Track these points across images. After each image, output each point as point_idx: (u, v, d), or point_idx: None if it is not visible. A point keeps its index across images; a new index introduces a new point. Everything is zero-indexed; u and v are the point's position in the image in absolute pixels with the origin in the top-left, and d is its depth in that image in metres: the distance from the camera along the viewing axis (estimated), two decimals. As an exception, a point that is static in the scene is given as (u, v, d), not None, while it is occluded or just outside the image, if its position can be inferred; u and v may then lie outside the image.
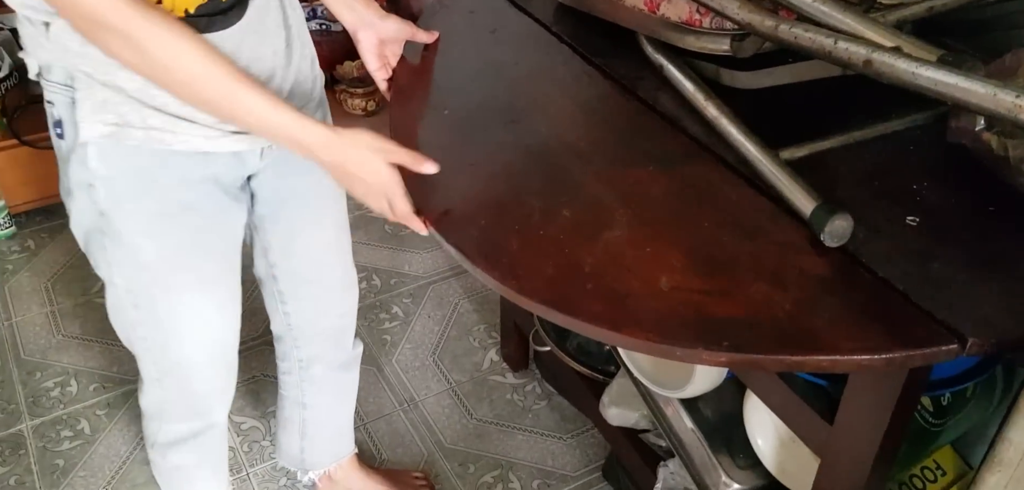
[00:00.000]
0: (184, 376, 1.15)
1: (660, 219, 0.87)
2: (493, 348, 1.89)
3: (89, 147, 0.92)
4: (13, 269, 2.09)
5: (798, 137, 0.96)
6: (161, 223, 0.99)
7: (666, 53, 1.08)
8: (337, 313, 1.32)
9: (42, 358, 1.85)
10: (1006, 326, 0.74)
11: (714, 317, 0.76)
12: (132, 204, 0.97)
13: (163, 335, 1.09)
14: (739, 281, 0.79)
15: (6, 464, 1.62)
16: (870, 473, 0.92)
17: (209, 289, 1.08)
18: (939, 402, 1.13)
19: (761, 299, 0.77)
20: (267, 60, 0.98)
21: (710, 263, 0.81)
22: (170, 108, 0.92)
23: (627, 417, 1.46)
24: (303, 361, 1.34)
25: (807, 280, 0.79)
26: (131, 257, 1.01)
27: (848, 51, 0.81)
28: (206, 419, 1.23)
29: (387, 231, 2.23)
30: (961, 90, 0.71)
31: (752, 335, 0.74)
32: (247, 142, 1.00)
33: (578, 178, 0.93)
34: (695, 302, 0.77)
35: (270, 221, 1.17)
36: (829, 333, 0.74)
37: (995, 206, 0.87)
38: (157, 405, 1.20)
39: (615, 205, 0.89)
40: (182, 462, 1.28)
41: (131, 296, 1.05)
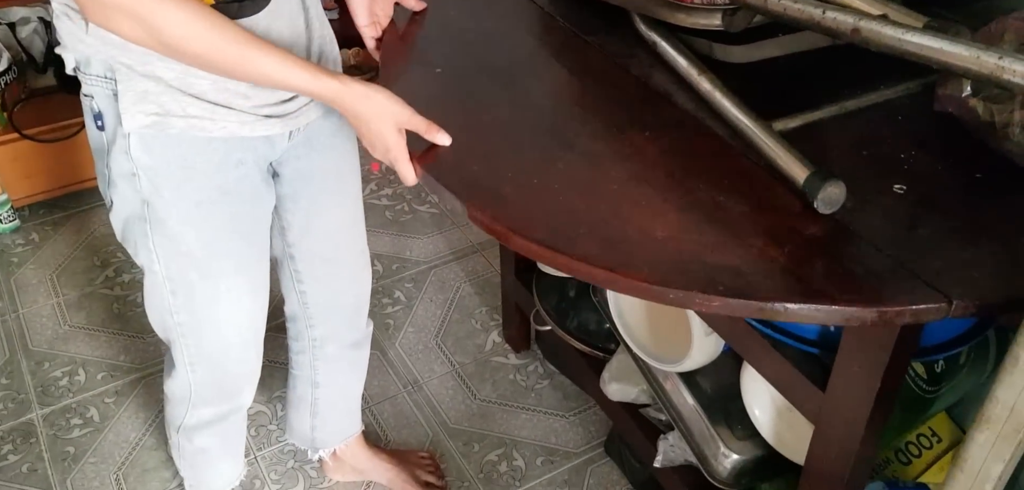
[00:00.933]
0: (218, 361, 1.18)
1: (655, 179, 0.88)
2: (495, 330, 1.91)
3: (132, 137, 0.95)
4: (18, 262, 2.11)
5: (790, 108, 0.98)
6: (201, 210, 1.02)
7: (659, 30, 1.09)
8: (353, 292, 1.34)
9: (50, 348, 1.87)
10: (991, 288, 0.76)
11: (709, 262, 0.77)
12: (173, 192, 0.99)
13: (200, 321, 1.12)
14: (735, 235, 0.80)
15: (18, 452, 1.65)
16: (863, 438, 0.94)
17: (245, 273, 1.11)
18: (932, 369, 1.15)
19: (756, 253, 0.78)
20: (286, 42, 1.00)
21: (706, 219, 0.83)
22: (208, 96, 0.94)
23: (627, 392, 1.48)
24: (316, 340, 1.36)
25: (802, 239, 0.80)
26: (172, 244, 1.03)
27: (836, 20, 0.82)
28: (234, 402, 1.26)
29: (388, 217, 2.25)
30: (946, 54, 0.72)
31: (747, 282, 0.75)
32: (279, 126, 1.03)
33: (572, 136, 0.94)
34: (690, 250, 0.78)
35: (291, 200, 1.18)
36: (823, 284, 0.75)
37: (982, 172, 0.88)
38: (185, 390, 1.22)
39: (610, 163, 0.90)
40: (207, 445, 1.32)
41: (170, 283, 1.07)
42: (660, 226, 0.81)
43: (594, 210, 0.83)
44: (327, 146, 1.16)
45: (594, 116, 0.99)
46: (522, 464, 1.62)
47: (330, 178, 1.20)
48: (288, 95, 1.02)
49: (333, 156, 1.18)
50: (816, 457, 1.03)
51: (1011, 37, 0.86)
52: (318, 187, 1.19)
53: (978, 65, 0.70)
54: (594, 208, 0.83)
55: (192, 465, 1.36)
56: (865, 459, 0.98)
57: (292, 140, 1.10)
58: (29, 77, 2.26)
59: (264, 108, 1.00)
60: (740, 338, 1.08)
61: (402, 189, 2.35)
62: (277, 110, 1.02)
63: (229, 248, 1.07)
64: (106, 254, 2.12)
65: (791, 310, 0.73)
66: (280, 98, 1.01)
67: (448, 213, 2.27)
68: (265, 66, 0.87)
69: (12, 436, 1.68)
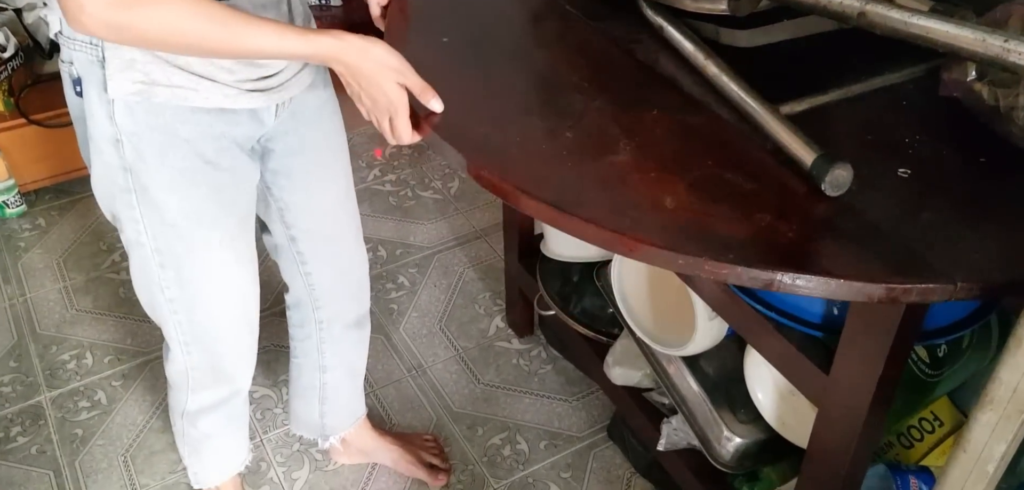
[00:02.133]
0: (210, 339, 1.18)
1: (664, 154, 0.89)
2: (498, 315, 1.92)
3: (116, 103, 0.96)
4: (25, 247, 2.12)
5: (797, 92, 0.98)
6: (185, 178, 1.02)
7: (665, 14, 1.10)
8: (356, 267, 1.36)
9: (57, 332, 1.88)
10: (995, 271, 0.76)
11: (718, 233, 0.77)
12: (157, 160, 1.00)
13: (190, 295, 1.12)
14: (744, 210, 0.81)
15: (27, 434, 1.66)
16: (866, 421, 0.95)
17: (232, 245, 1.11)
18: (935, 353, 1.16)
19: (765, 225, 0.79)
20: None
21: (715, 193, 0.83)
22: (193, 67, 0.95)
23: (630, 376, 1.49)
24: (323, 322, 1.37)
25: (810, 217, 0.81)
26: (157, 214, 1.04)
27: (842, 4, 0.83)
28: (232, 385, 1.26)
29: (392, 203, 2.26)
30: (951, 37, 0.73)
31: (755, 252, 0.75)
32: (263, 99, 1.03)
33: (580, 109, 0.95)
34: (699, 221, 0.79)
35: (285, 177, 1.19)
36: (831, 259, 0.76)
37: (986, 156, 0.89)
38: (184, 374, 1.23)
39: (619, 135, 0.90)
40: (210, 430, 1.32)
41: (158, 255, 1.07)
42: (669, 196, 0.82)
43: (602, 177, 0.83)
44: (314, 120, 1.16)
45: (601, 93, 0.99)
46: (525, 448, 1.63)
47: (322, 151, 1.20)
48: (272, 70, 1.02)
49: (322, 129, 1.19)
50: (819, 440, 1.04)
51: (1016, 22, 0.86)
52: (311, 160, 1.19)
53: (984, 47, 0.70)
54: (602, 176, 0.84)
55: (197, 451, 1.37)
56: (868, 442, 0.99)
57: (279, 116, 1.10)
58: (36, 63, 2.27)
59: (247, 83, 1.00)
60: (744, 321, 1.09)
61: (406, 175, 2.36)
62: (261, 85, 1.02)
63: (214, 219, 1.07)
64: (112, 238, 2.13)
65: (800, 282, 0.74)
66: (264, 73, 1.02)
67: (451, 198, 2.27)
68: (257, 40, 0.87)
69: (21, 418, 1.69)
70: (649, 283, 1.40)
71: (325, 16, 2.71)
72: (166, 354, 1.24)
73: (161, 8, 0.83)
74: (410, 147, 2.47)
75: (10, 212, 2.18)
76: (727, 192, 0.84)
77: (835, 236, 0.79)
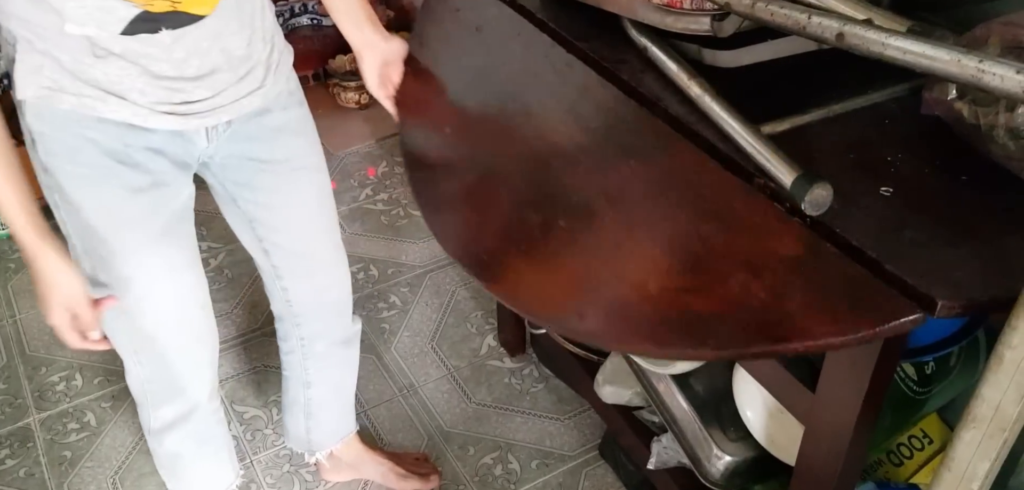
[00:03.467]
0: (154, 347, 1.17)
1: (644, 218, 0.93)
2: (490, 334, 1.92)
3: (26, 104, 0.96)
4: (15, 268, 2.12)
5: (779, 112, 0.99)
6: (96, 176, 1.01)
7: (649, 35, 1.10)
8: (334, 288, 1.35)
9: (46, 353, 1.88)
10: (976, 289, 0.77)
11: (698, 313, 0.82)
12: (68, 161, 1.00)
13: (125, 302, 1.10)
14: (718, 273, 0.84)
15: (15, 456, 1.65)
16: (852, 438, 0.95)
17: (157, 249, 1.09)
18: (923, 370, 1.16)
19: (738, 288, 0.81)
20: (213, 56, 1.01)
21: (690, 259, 0.87)
22: (102, 84, 0.95)
23: (621, 395, 1.49)
24: (305, 339, 1.36)
25: (779, 263, 0.82)
26: (75, 214, 1.04)
27: (821, 25, 0.83)
28: (188, 399, 1.24)
29: (384, 222, 2.26)
30: (928, 58, 0.73)
31: (731, 329, 0.79)
32: (180, 123, 1.02)
33: (569, 183, 1.00)
34: (681, 303, 0.84)
35: (248, 190, 1.18)
36: (803, 318, 0.78)
37: (967, 175, 0.89)
38: (140, 388, 1.23)
39: (603, 209, 0.95)
40: (178, 449, 1.30)
41: (87, 258, 1.07)
42: (652, 279, 0.87)
43: (595, 274, 0.90)
44: (273, 138, 1.15)
45: (584, 154, 1.04)
46: (517, 467, 1.63)
47: (284, 171, 1.19)
48: (195, 96, 1.01)
49: (286, 149, 1.17)
50: (807, 458, 1.04)
51: (996, 41, 0.86)
52: (276, 177, 1.18)
53: (959, 69, 0.71)
54: (595, 271, 0.90)
55: (173, 471, 1.35)
56: (855, 459, 0.99)
57: (213, 139, 1.09)
58: (26, 83, 2.27)
59: (162, 105, 0.99)
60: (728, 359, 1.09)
61: (398, 194, 2.36)
62: (179, 109, 1.01)
63: (131, 220, 1.06)
64: (103, 259, 2.13)
65: (773, 350, 0.81)
66: (184, 98, 1.01)
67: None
68: None
69: (10, 441, 1.68)
70: (638, 301, 1.40)
71: (317, 37, 2.73)
72: (125, 368, 1.23)
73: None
74: (403, 165, 2.48)
75: (1, 233, 2.18)
76: (703, 253, 0.87)
77: (807, 280, 0.80)
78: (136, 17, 0.90)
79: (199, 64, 0.99)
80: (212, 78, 1.02)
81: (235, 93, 1.06)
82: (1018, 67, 0.68)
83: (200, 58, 0.99)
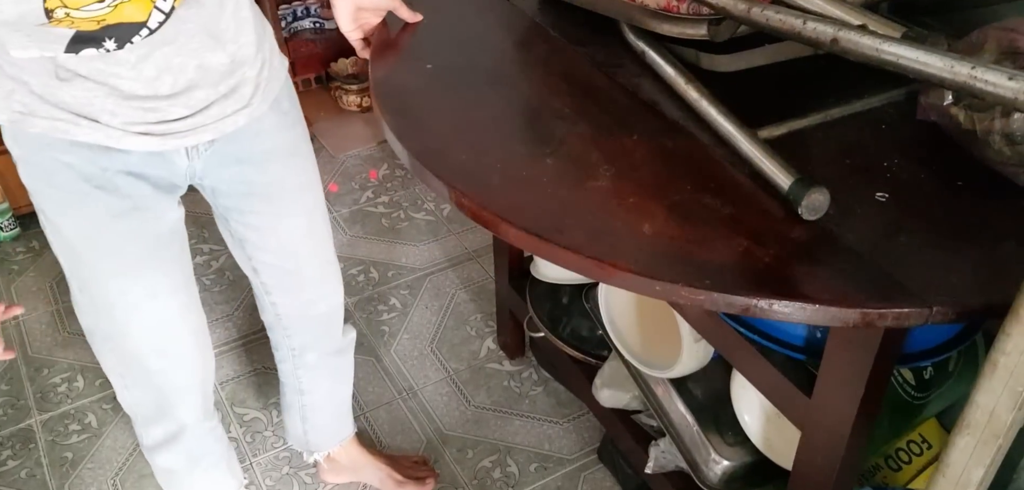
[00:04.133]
0: (139, 370, 1.15)
1: (643, 179, 0.89)
2: (490, 336, 1.92)
3: (2, 127, 0.96)
4: (19, 269, 2.13)
5: (776, 116, 0.99)
6: (75, 202, 1.00)
7: (647, 39, 1.10)
8: (323, 303, 1.33)
9: (49, 355, 1.88)
10: (971, 294, 0.76)
11: (695, 259, 0.78)
12: (46, 184, 0.99)
13: (106, 322, 1.10)
14: (721, 234, 0.82)
15: (17, 457, 1.66)
16: (849, 443, 0.95)
17: (137, 275, 1.07)
18: (921, 375, 1.16)
19: (741, 250, 0.79)
20: (188, 72, 0.97)
21: (692, 217, 0.84)
22: (71, 107, 0.93)
23: (619, 398, 1.49)
24: (296, 349, 1.37)
25: (786, 242, 0.81)
26: (58, 236, 1.03)
27: (816, 30, 0.83)
28: (174, 420, 1.21)
29: (384, 225, 2.26)
30: (921, 64, 0.73)
31: (732, 278, 0.76)
32: (159, 143, 0.99)
33: (561, 135, 0.95)
34: (677, 246, 0.80)
35: (236, 213, 1.17)
36: (806, 284, 0.76)
37: (963, 180, 0.89)
38: (130, 407, 1.22)
39: (598, 161, 0.91)
40: (170, 465, 1.29)
41: (74, 279, 1.07)
42: (647, 221, 0.82)
43: (582, 203, 0.84)
44: (263, 161, 1.12)
45: (582, 118, 1.00)
46: (516, 470, 1.63)
47: (273, 192, 1.16)
48: (172, 115, 0.98)
49: (274, 171, 1.14)
50: (803, 462, 1.04)
51: (992, 47, 0.86)
52: (261, 201, 1.16)
53: (952, 74, 0.71)
54: (582, 202, 0.85)
55: (168, 485, 1.35)
56: (852, 464, 0.99)
57: (195, 159, 1.06)
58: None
59: (136, 126, 0.96)
60: (728, 344, 1.09)
61: (399, 197, 2.36)
62: (156, 129, 0.97)
63: (111, 246, 1.04)
64: (105, 261, 2.13)
65: (776, 308, 0.74)
66: (159, 117, 0.97)
67: (443, 220, 2.28)
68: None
69: (11, 442, 1.69)
70: (636, 306, 1.40)
71: (320, 40, 2.74)
72: None
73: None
74: (404, 168, 2.48)
75: (3, 235, 2.19)
76: (705, 217, 0.84)
77: (812, 261, 0.80)
78: (73, 37, 0.86)
79: (173, 81, 0.96)
80: (188, 95, 0.98)
81: (218, 111, 1.02)
82: (1010, 74, 0.68)
83: (173, 75, 0.95)
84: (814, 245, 0.81)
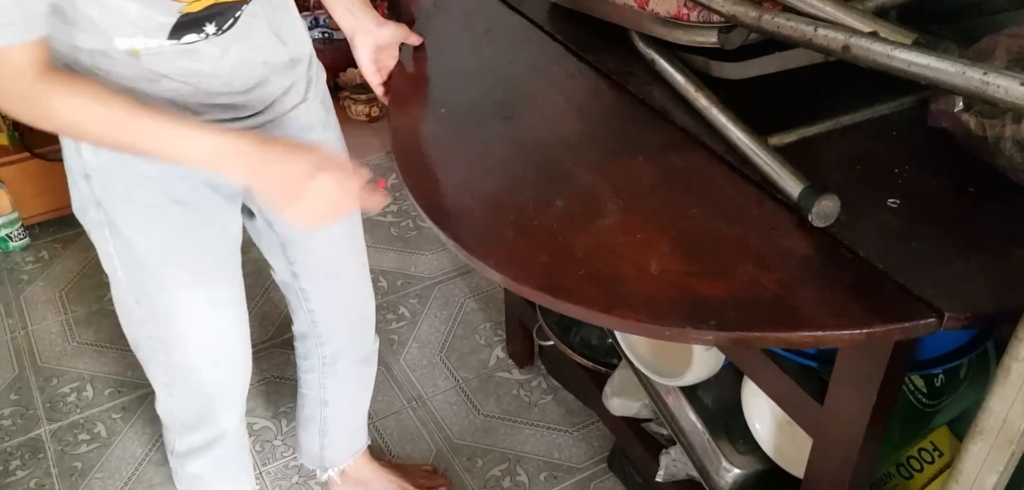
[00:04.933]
0: (189, 379, 1.17)
1: (649, 207, 0.90)
2: (499, 345, 1.92)
3: (83, 142, 0.97)
4: (28, 279, 2.14)
5: (786, 124, 0.99)
6: (150, 215, 1.02)
7: (656, 47, 1.11)
8: (360, 306, 1.35)
9: (58, 365, 1.89)
10: (983, 300, 0.76)
11: (701, 296, 0.79)
12: (122, 196, 1.01)
13: (164, 332, 1.12)
14: (725, 263, 0.82)
15: (26, 467, 1.66)
16: (860, 450, 0.95)
17: (204, 285, 1.10)
18: (932, 382, 1.15)
19: (747, 279, 0.80)
20: (257, 68, 1.02)
21: (697, 247, 0.84)
22: None
23: (629, 407, 1.49)
24: (327, 358, 1.37)
25: (791, 261, 0.81)
26: (127, 249, 1.04)
27: (827, 37, 0.84)
28: (216, 427, 1.24)
29: (393, 234, 2.27)
30: (933, 70, 0.73)
31: (737, 313, 0.76)
32: None
33: (570, 169, 0.97)
34: (683, 284, 0.80)
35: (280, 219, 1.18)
36: (812, 310, 0.76)
37: (975, 186, 0.89)
38: (169, 414, 1.23)
39: (606, 194, 0.92)
40: (200, 472, 1.31)
41: (133, 291, 1.08)
42: (654, 259, 0.83)
43: (591, 249, 0.85)
44: None
45: (590, 145, 1.01)
46: (525, 479, 1.62)
47: None
48: (249, 111, 1.02)
49: None
50: (815, 470, 1.03)
51: (1002, 53, 0.87)
52: None
53: (964, 80, 0.71)
54: (591, 247, 0.86)
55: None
56: (864, 471, 0.99)
57: None
58: (40, 97, 2.30)
59: (219, 126, 0.98)
60: (739, 353, 1.09)
61: (408, 206, 2.37)
62: (233, 126, 1.01)
63: (182, 258, 1.06)
64: (115, 271, 2.15)
65: (781, 338, 0.76)
66: (235, 114, 1.01)
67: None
68: (160, 141, 0.87)
69: (21, 451, 1.70)
70: (646, 313, 1.40)
71: (329, 50, 2.75)
72: (155, 394, 1.23)
73: (70, 97, 0.84)
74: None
75: (13, 245, 2.20)
76: (711, 243, 0.85)
77: (818, 279, 0.80)
78: (177, 22, 0.89)
79: (247, 76, 1.00)
80: (261, 89, 1.03)
81: (281, 106, 1.07)
82: (1023, 79, 0.68)
83: (247, 70, 1.00)
84: (820, 260, 0.82)
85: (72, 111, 0.84)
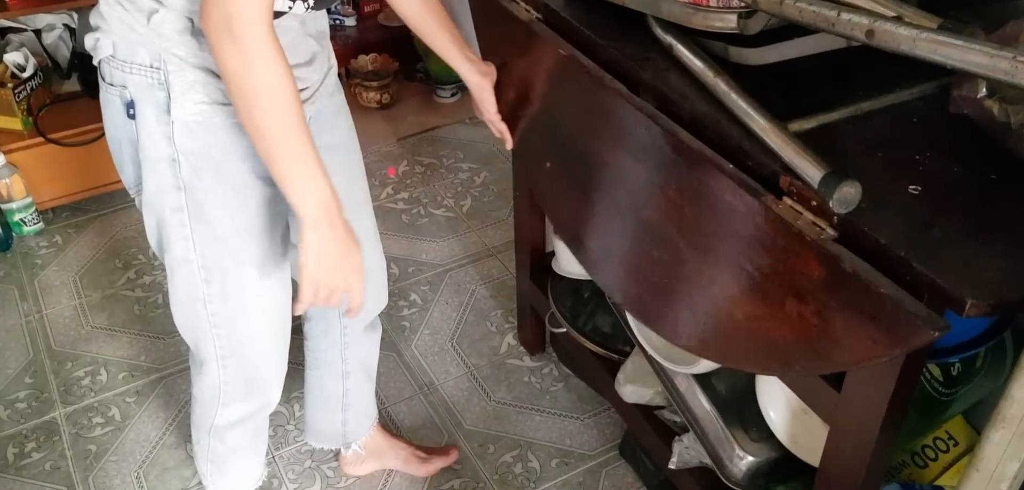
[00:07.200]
0: (248, 354, 1.20)
1: (705, 248, 0.99)
2: (510, 332, 1.92)
3: (176, 124, 0.98)
4: (42, 264, 2.14)
5: (806, 110, 0.98)
6: (237, 195, 1.05)
7: (674, 33, 1.10)
8: (376, 265, 1.37)
9: (72, 349, 1.90)
10: (1005, 289, 0.76)
11: (775, 341, 0.91)
12: (212, 177, 1.02)
13: (232, 309, 1.14)
14: (774, 300, 0.90)
15: (41, 450, 1.68)
16: (878, 438, 0.94)
17: (273, 260, 1.13)
18: (949, 371, 1.15)
19: (795, 315, 0.86)
20: (313, 41, 1.08)
21: (750, 285, 0.93)
22: None
23: (642, 394, 1.49)
24: (347, 326, 1.40)
25: (813, 285, 0.84)
26: (209, 230, 1.06)
27: (850, 22, 0.83)
28: (264, 398, 1.28)
29: (404, 221, 2.27)
30: (959, 54, 0.73)
31: (805, 357, 0.88)
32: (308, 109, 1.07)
33: (649, 217, 1.09)
34: (762, 330, 0.93)
35: None
36: (847, 339, 0.82)
37: (997, 173, 0.88)
38: (215, 389, 1.24)
39: (675, 238, 1.03)
40: (238, 444, 1.34)
41: (205, 272, 1.09)
42: (737, 308, 0.96)
43: (686, 298, 1.02)
44: (331, 126, 1.19)
45: (619, 184, 1.12)
46: (537, 466, 1.63)
47: (341, 154, 1.22)
48: (309, 83, 1.07)
49: (340, 134, 1.22)
50: (831, 458, 1.03)
51: (1027, 39, 0.86)
52: (332, 163, 1.18)
53: (991, 66, 0.70)
54: (685, 296, 1.02)
55: (221, 468, 1.37)
56: (880, 460, 0.99)
57: None
58: (54, 82, 2.30)
59: None
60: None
61: (418, 193, 2.37)
62: (305, 95, 1.06)
63: (260, 233, 1.10)
64: (128, 256, 2.15)
65: (837, 369, 0.88)
66: (302, 85, 1.04)
67: (463, 216, 2.28)
68: (292, 144, 0.92)
69: (36, 434, 1.71)
70: (660, 300, 1.40)
71: (339, 36, 2.75)
72: (197, 368, 1.24)
73: (272, 74, 0.87)
74: (423, 164, 2.49)
75: (27, 230, 2.21)
76: (757, 278, 0.92)
77: (841, 306, 0.82)
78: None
79: (306, 48, 1.06)
80: (317, 62, 1.09)
81: (319, 78, 1.11)
82: (1052, 64, 0.67)
83: (309, 43, 1.06)
84: (833, 281, 0.83)
85: (274, 77, 0.87)
